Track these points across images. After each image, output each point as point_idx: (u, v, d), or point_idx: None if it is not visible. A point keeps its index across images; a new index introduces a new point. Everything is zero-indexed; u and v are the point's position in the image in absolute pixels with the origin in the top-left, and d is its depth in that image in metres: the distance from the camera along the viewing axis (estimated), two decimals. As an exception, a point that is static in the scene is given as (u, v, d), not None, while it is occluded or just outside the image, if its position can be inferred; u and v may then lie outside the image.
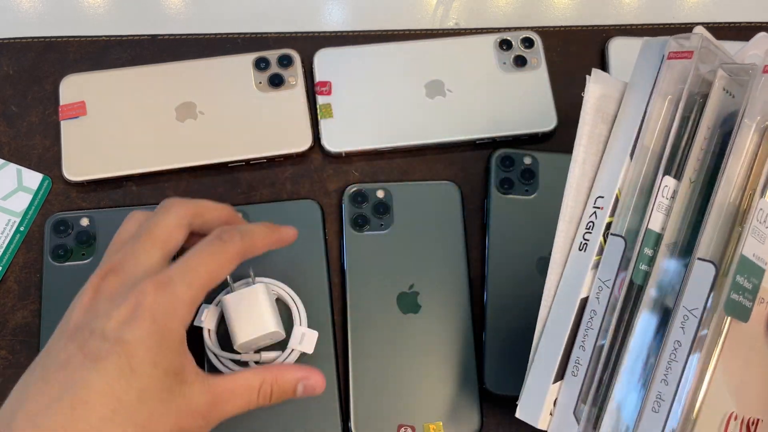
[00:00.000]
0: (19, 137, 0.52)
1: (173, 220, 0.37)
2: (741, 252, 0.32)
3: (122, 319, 0.32)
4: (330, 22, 0.58)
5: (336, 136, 0.52)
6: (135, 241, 0.36)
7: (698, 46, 0.34)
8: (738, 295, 0.32)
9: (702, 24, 0.58)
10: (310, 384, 0.37)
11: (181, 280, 0.34)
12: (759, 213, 0.32)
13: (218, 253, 0.36)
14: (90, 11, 0.58)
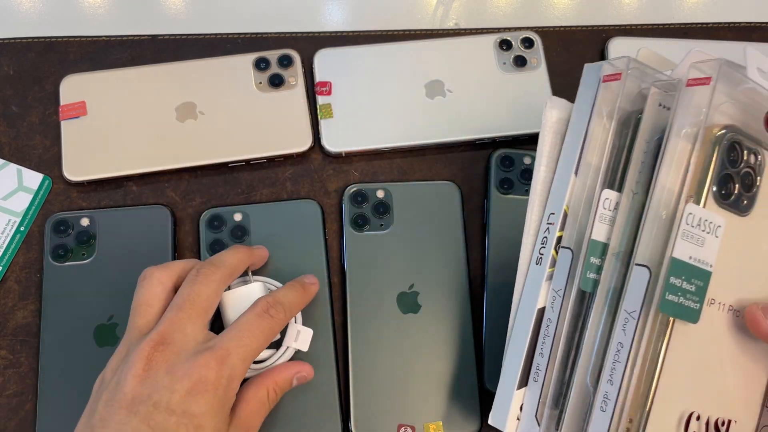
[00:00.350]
0: (19, 137, 0.52)
1: (213, 289, 0.40)
2: (671, 255, 0.33)
3: (186, 392, 0.35)
4: (330, 22, 0.59)
5: (336, 136, 0.52)
6: (179, 312, 0.38)
7: (626, 68, 0.37)
8: (677, 296, 0.34)
9: (702, 24, 0.58)
10: (302, 375, 0.42)
11: (238, 354, 0.37)
12: (689, 217, 0.34)
13: (267, 329, 0.39)
14: (90, 11, 0.58)
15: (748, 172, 0.36)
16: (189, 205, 0.51)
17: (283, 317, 0.41)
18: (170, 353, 0.36)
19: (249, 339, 0.38)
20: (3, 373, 0.46)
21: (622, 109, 0.37)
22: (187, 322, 0.38)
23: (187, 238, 0.50)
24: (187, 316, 0.38)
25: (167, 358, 0.36)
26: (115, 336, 0.46)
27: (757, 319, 0.36)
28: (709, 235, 0.34)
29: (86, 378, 0.45)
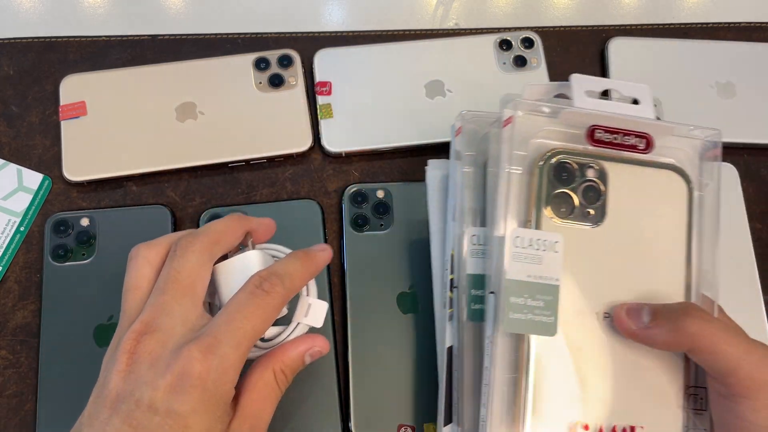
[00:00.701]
0: (19, 137, 0.52)
1: (195, 261, 0.35)
2: (506, 277, 0.36)
3: (169, 388, 0.31)
4: (330, 22, 0.59)
5: (336, 136, 0.52)
6: (162, 294, 0.34)
7: (462, 123, 0.41)
8: (523, 313, 0.36)
9: (702, 24, 0.58)
10: (316, 351, 0.37)
11: (228, 341, 0.32)
12: (516, 240, 0.36)
13: (262, 306, 0.34)
14: (90, 11, 0.58)
15: (590, 185, 0.38)
16: (189, 205, 0.51)
17: (281, 291, 0.35)
18: (154, 343, 0.32)
19: (241, 321, 0.33)
20: (3, 373, 0.46)
21: (472, 156, 0.41)
22: (173, 304, 0.34)
23: (187, 238, 0.50)
24: (171, 297, 0.34)
25: (151, 349, 0.32)
26: (115, 336, 0.46)
27: (621, 319, 0.36)
28: (547, 252, 0.36)
29: (86, 378, 0.45)
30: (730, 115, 0.54)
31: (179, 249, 0.35)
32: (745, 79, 0.55)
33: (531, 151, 0.38)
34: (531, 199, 0.38)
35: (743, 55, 0.56)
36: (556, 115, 0.38)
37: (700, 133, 0.40)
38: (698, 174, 0.40)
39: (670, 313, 0.35)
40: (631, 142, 0.39)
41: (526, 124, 0.38)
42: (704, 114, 0.54)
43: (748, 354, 0.33)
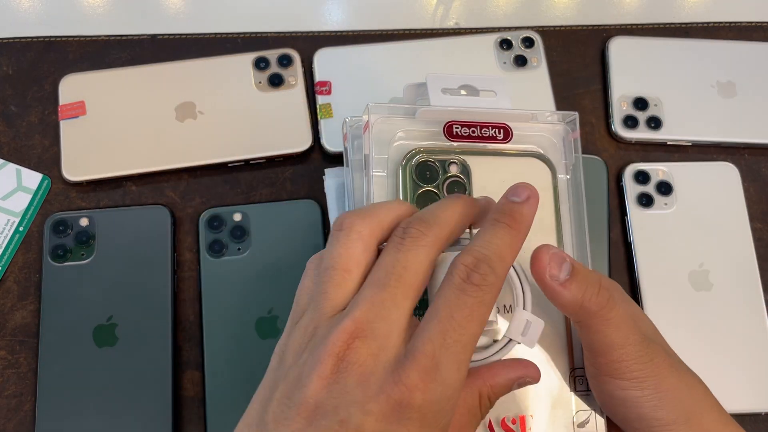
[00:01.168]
0: (18, 137, 0.52)
1: (425, 257, 0.29)
2: None
3: (383, 416, 0.26)
4: (330, 21, 0.58)
5: (336, 136, 0.52)
6: (382, 290, 0.28)
7: (347, 130, 0.40)
8: None
9: (702, 24, 0.58)
10: (526, 382, 0.32)
11: (449, 362, 0.27)
12: None
13: (477, 306, 0.28)
14: (90, 11, 0.58)
15: (454, 181, 0.38)
16: (188, 205, 0.50)
17: (494, 281, 0.28)
18: (366, 353, 0.27)
19: (458, 332, 0.27)
20: (2, 374, 0.46)
21: (358, 160, 0.40)
22: (392, 306, 0.28)
23: (187, 238, 0.50)
24: (390, 296, 0.28)
25: (362, 359, 0.27)
26: (115, 336, 0.46)
27: (541, 264, 0.31)
28: None
29: (86, 378, 0.45)
30: (731, 115, 0.54)
31: (409, 238, 0.29)
32: (746, 79, 0.55)
33: (392, 154, 0.38)
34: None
35: (743, 55, 0.56)
36: (414, 114, 0.38)
37: (560, 117, 0.40)
38: (561, 158, 0.40)
39: (587, 277, 0.32)
40: (489, 134, 0.39)
41: (385, 127, 0.38)
42: (704, 114, 0.54)
43: (639, 343, 0.32)
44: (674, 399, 0.32)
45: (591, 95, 0.55)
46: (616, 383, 0.32)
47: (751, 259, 0.50)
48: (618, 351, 0.32)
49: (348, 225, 0.30)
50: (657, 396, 0.32)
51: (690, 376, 0.34)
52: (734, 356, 0.47)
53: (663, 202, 0.51)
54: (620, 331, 0.32)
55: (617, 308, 0.32)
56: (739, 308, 0.48)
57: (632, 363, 0.32)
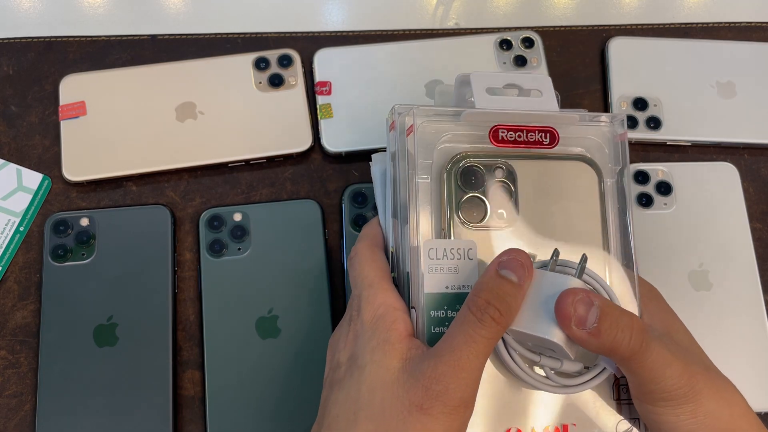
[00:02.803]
0: (19, 137, 0.52)
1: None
2: (424, 292, 0.35)
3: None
4: (330, 22, 0.58)
5: (336, 136, 0.52)
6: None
7: (395, 117, 0.39)
8: (445, 327, 0.34)
9: (702, 24, 0.58)
10: (507, 266, 0.33)
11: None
12: (430, 252, 0.35)
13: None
14: (90, 11, 0.58)
15: (501, 185, 0.38)
16: (189, 205, 0.51)
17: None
18: None
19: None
20: (2, 374, 0.46)
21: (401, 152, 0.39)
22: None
23: (187, 238, 0.50)
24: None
25: None
26: (115, 336, 0.46)
27: (566, 312, 0.32)
28: (462, 261, 0.35)
29: (86, 378, 0.45)
30: (730, 115, 0.54)
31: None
32: (745, 79, 0.55)
33: (437, 158, 0.37)
34: (441, 207, 0.37)
35: (743, 55, 0.56)
36: (458, 117, 0.37)
37: (606, 118, 0.39)
38: (608, 162, 0.39)
39: (618, 321, 0.31)
40: (535, 138, 0.38)
41: (428, 130, 0.37)
42: (704, 114, 0.54)
43: (676, 377, 0.32)
44: (711, 421, 0.32)
45: (591, 95, 0.55)
46: (650, 408, 0.33)
47: (750, 259, 0.50)
48: (653, 385, 0.32)
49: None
50: (694, 420, 0.32)
51: (730, 392, 0.34)
52: (734, 356, 0.47)
53: (662, 202, 0.51)
54: (655, 371, 0.32)
55: (652, 351, 0.32)
56: (738, 308, 0.49)
57: (668, 394, 0.32)
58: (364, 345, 0.34)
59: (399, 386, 0.31)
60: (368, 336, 0.34)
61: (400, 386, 0.31)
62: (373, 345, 0.33)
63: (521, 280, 0.32)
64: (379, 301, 0.35)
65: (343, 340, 0.36)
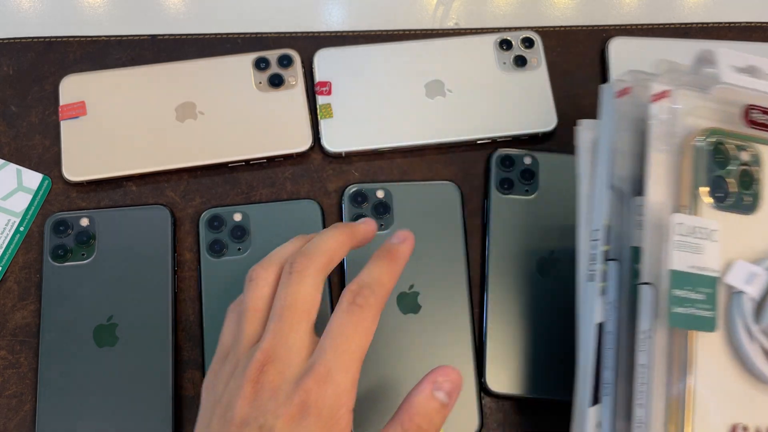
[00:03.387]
0: (19, 137, 0.52)
1: (311, 285, 0.36)
2: (669, 268, 0.33)
3: (290, 417, 0.33)
4: (330, 22, 0.58)
5: (336, 136, 0.52)
6: (280, 321, 0.35)
7: (634, 80, 0.37)
8: (685, 307, 0.33)
9: (702, 24, 0.58)
10: (444, 384, 0.36)
11: (338, 368, 0.34)
12: (678, 227, 0.34)
13: (361, 322, 0.35)
14: (90, 11, 0.58)
15: (744, 170, 0.36)
16: (189, 205, 0.51)
17: (374, 302, 0.36)
18: (274, 373, 0.34)
19: (345, 344, 0.34)
20: (2, 374, 0.46)
21: (636, 120, 0.37)
22: (290, 332, 0.35)
23: (187, 238, 0.50)
24: (288, 325, 0.35)
25: (272, 379, 0.34)
26: (115, 336, 0.46)
27: None
28: (706, 241, 0.34)
29: (86, 378, 0.45)
30: (731, 115, 0.54)
31: (295, 273, 0.36)
32: (746, 79, 0.55)
33: (679, 129, 0.35)
34: (685, 182, 0.34)
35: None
36: (707, 90, 0.35)
37: None
38: None
39: None
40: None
41: (672, 98, 0.35)
42: (704, 114, 0.54)
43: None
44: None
45: (591, 95, 0.55)
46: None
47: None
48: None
49: (255, 275, 0.37)
50: None
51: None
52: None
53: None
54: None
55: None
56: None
57: None
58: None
59: None
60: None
61: None
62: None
63: (451, 401, 0.35)
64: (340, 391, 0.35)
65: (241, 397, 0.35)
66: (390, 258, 0.38)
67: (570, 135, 0.54)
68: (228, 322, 0.38)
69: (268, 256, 0.38)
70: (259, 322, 0.37)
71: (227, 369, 0.36)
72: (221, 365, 0.37)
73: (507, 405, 0.47)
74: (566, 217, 0.50)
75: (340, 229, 0.39)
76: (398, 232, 0.39)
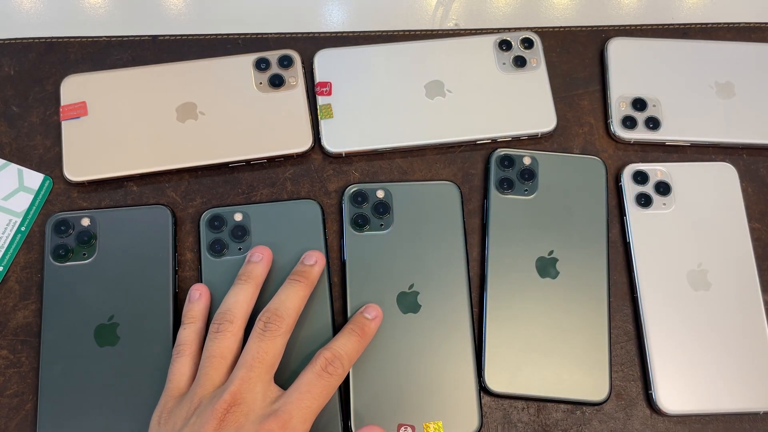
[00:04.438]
0: (20, 137, 0.52)
1: (280, 344, 0.42)
2: None
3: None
4: (330, 22, 0.59)
5: (336, 136, 0.52)
6: (249, 371, 0.40)
7: None
8: None
9: (701, 24, 0.58)
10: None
11: (299, 417, 0.39)
12: None
13: (327, 387, 0.41)
14: (91, 12, 0.58)
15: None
16: (189, 205, 0.51)
17: (341, 372, 0.42)
18: (240, 414, 0.39)
19: (309, 400, 0.40)
20: (4, 373, 0.46)
21: None
22: (257, 381, 0.40)
23: (188, 238, 0.50)
24: (257, 375, 0.40)
25: (237, 419, 0.39)
26: (116, 336, 0.46)
27: None
28: None
29: (86, 378, 0.45)
30: (730, 115, 0.54)
31: (269, 332, 0.42)
32: (745, 79, 0.55)
33: None
34: None
35: (742, 56, 0.56)
36: None
37: None
38: None
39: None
40: None
41: None
42: (703, 114, 0.54)
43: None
44: None
45: (590, 96, 0.55)
46: None
47: (749, 258, 0.50)
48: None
49: (224, 328, 0.43)
50: None
51: None
52: (733, 355, 0.47)
53: (661, 202, 0.51)
54: None
55: None
56: (737, 308, 0.49)
57: None
58: None
59: None
60: None
61: None
62: None
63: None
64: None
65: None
66: (362, 334, 0.44)
67: (569, 135, 0.54)
68: (178, 364, 0.43)
69: (234, 310, 0.43)
70: (225, 369, 0.42)
71: (185, 407, 0.40)
72: (176, 403, 0.41)
73: (507, 404, 0.47)
74: (566, 217, 0.50)
75: (301, 288, 0.45)
76: (370, 309, 0.46)
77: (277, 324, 0.42)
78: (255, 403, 0.40)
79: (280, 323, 0.42)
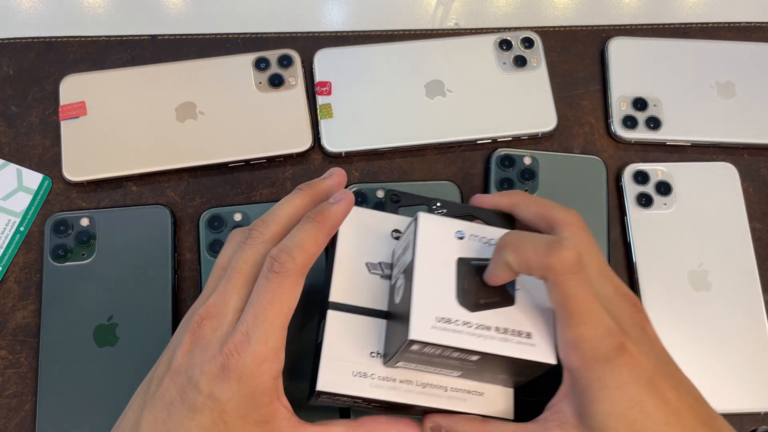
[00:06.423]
0: (19, 137, 0.52)
1: (261, 253, 0.36)
2: None
3: (213, 375, 0.34)
4: (330, 22, 0.59)
5: (336, 136, 0.52)
6: (227, 282, 0.36)
7: None
8: None
9: (702, 24, 0.58)
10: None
11: (257, 336, 0.34)
12: None
13: (278, 290, 0.34)
14: (90, 11, 0.58)
15: None
16: (189, 205, 0.51)
17: (293, 267, 0.35)
18: (209, 330, 0.35)
19: (263, 313, 0.34)
20: (3, 373, 0.46)
21: None
22: (233, 293, 0.36)
23: (187, 238, 0.50)
24: (233, 286, 0.36)
25: (205, 334, 0.35)
26: (115, 336, 0.46)
27: None
28: None
29: (86, 378, 0.45)
30: (730, 115, 0.54)
31: (250, 239, 0.37)
32: (745, 79, 0.55)
33: None
34: None
35: (742, 56, 0.56)
36: None
37: None
38: None
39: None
40: None
41: None
42: (704, 114, 0.54)
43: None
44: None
45: (590, 95, 0.55)
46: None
47: (750, 259, 0.50)
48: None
49: (232, 236, 0.39)
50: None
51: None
52: (733, 356, 0.47)
53: (662, 202, 0.51)
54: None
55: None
56: (737, 308, 0.49)
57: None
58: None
59: None
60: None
61: None
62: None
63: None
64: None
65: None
66: (318, 221, 0.36)
67: (570, 135, 0.54)
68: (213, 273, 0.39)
69: (254, 223, 0.38)
70: (217, 279, 0.38)
71: (185, 318, 0.38)
72: None
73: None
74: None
75: (299, 196, 0.39)
76: (339, 192, 0.38)
77: (260, 231, 0.37)
78: (225, 318, 0.35)
79: (264, 229, 0.37)
